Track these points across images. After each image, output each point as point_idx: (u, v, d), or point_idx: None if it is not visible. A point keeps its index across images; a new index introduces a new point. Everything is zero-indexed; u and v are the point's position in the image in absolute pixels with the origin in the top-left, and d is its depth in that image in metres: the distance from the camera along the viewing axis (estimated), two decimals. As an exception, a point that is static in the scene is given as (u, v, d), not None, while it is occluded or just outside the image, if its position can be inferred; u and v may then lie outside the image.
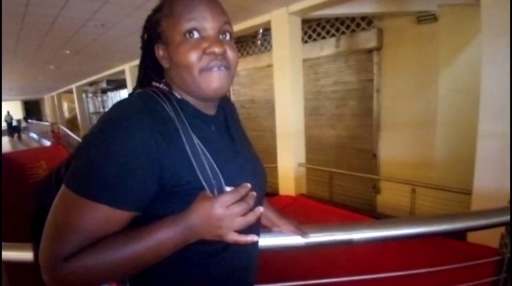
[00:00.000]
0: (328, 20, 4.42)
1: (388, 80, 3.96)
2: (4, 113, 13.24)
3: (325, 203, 3.68)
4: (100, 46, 5.03)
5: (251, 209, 0.52)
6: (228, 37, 0.61)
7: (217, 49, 0.56)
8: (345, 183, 4.31)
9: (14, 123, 16.02)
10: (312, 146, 4.78)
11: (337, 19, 4.31)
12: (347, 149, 4.59)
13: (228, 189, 0.55)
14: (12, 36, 4.12)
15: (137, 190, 0.51)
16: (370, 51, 4.05)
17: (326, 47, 4.46)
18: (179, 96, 0.62)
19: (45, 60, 5.98)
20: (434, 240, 2.31)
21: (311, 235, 0.86)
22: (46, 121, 17.38)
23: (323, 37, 4.54)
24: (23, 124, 18.57)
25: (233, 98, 6.53)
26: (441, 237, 2.20)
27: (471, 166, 2.39)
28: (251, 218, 0.52)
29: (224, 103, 0.73)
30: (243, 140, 0.73)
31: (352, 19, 4.17)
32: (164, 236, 0.51)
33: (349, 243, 0.88)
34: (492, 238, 1.13)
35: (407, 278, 1.12)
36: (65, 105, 17.14)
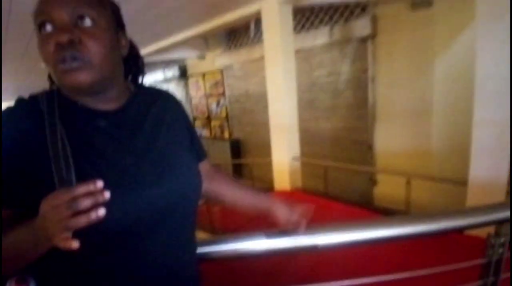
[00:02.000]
0: (321, 8, 4.29)
1: (383, 69, 3.84)
2: None
3: (321, 196, 3.60)
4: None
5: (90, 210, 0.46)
6: (87, 22, 0.55)
7: (60, 40, 0.53)
8: (341, 175, 4.22)
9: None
10: (308, 139, 4.69)
11: (330, 6, 4.18)
12: (343, 141, 4.50)
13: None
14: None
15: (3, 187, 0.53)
16: (364, 39, 3.92)
17: (320, 37, 4.33)
18: (65, 92, 0.61)
19: (35, 58, 5.89)
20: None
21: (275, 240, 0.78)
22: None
23: (317, 26, 4.42)
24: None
25: (227, 92, 6.42)
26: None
27: (469, 155, 2.31)
28: (78, 220, 0.44)
29: (153, 100, 0.70)
30: (164, 142, 0.66)
31: (346, 6, 4.03)
32: (19, 236, 0.51)
33: (314, 249, 0.80)
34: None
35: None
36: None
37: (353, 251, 2.11)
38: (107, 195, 0.46)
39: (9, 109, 0.58)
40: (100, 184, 0.45)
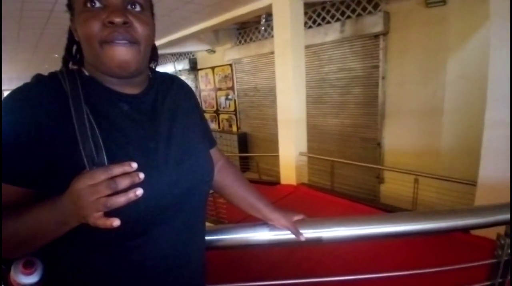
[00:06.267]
0: (333, 3, 4.25)
1: (394, 66, 3.81)
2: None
3: (326, 192, 3.61)
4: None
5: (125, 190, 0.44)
6: (138, 8, 0.56)
7: (116, 19, 0.52)
8: (348, 172, 4.22)
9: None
10: (316, 134, 4.69)
11: (342, 2, 4.13)
12: (351, 138, 4.49)
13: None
14: (13, 23, 4.07)
15: (19, 166, 0.51)
16: (376, 36, 3.89)
17: (331, 33, 4.29)
18: (87, 73, 0.59)
19: (49, 48, 5.95)
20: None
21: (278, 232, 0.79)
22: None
23: (328, 22, 4.38)
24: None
25: (236, 86, 6.43)
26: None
27: (478, 156, 2.29)
28: (117, 200, 0.43)
29: (168, 86, 0.70)
30: (181, 128, 0.66)
31: (358, 2, 3.99)
32: (41, 214, 0.49)
33: (318, 242, 0.81)
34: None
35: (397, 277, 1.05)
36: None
37: (358, 246, 2.13)
38: (141, 175, 0.45)
39: (28, 85, 0.55)
40: (135, 165, 0.45)
